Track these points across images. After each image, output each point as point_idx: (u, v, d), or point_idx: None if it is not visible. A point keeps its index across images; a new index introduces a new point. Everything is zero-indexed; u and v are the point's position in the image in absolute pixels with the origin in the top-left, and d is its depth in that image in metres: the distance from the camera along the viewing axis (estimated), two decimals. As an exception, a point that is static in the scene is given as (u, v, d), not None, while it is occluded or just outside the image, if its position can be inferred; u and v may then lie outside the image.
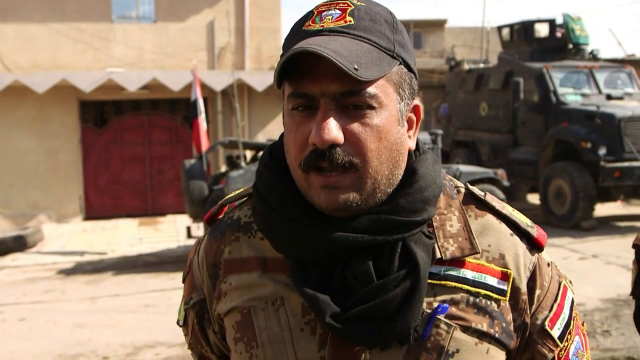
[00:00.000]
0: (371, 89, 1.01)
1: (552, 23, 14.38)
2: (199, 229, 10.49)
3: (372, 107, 1.02)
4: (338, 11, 1.05)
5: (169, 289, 8.47)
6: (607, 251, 9.69)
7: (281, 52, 1.09)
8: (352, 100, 1.01)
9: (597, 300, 7.13)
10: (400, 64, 1.06)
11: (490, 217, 1.14)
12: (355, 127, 1.02)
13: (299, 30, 1.06)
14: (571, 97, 12.71)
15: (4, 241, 11.60)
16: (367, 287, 1.03)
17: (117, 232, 13.54)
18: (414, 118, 1.13)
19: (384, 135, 1.03)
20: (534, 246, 1.15)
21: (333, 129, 1.00)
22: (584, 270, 8.45)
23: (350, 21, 1.03)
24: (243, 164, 9.84)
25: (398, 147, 1.06)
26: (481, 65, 16.15)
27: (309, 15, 1.07)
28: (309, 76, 1.01)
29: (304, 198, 1.08)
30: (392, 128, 1.05)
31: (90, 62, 14.75)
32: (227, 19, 13.64)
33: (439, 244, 1.09)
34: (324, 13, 1.05)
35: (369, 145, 1.02)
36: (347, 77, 0.97)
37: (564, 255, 9.45)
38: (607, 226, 12.01)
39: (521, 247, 1.13)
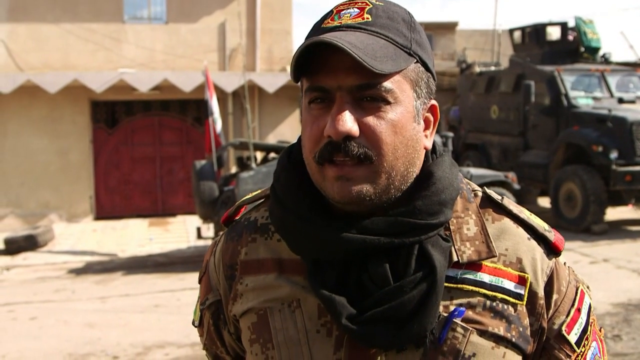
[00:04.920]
0: (387, 84, 1.02)
1: (564, 26, 14.34)
2: (209, 230, 10.51)
3: (388, 102, 1.03)
4: (356, 9, 1.06)
5: (179, 290, 8.49)
6: (618, 255, 9.65)
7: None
8: (368, 93, 1.02)
9: (608, 304, 7.09)
10: (417, 61, 1.07)
11: (507, 221, 1.14)
12: (371, 120, 1.02)
13: (318, 28, 1.08)
14: (582, 100, 12.65)
15: (15, 240, 11.66)
16: (383, 289, 1.03)
17: (127, 232, 13.58)
18: (432, 118, 1.13)
19: (400, 130, 1.04)
20: (552, 251, 1.14)
21: (348, 121, 1.00)
22: (595, 274, 8.41)
23: (367, 18, 1.05)
24: (253, 165, 9.84)
25: (414, 143, 1.07)
26: (492, 68, 16.10)
27: (328, 14, 1.09)
28: (325, 70, 1.02)
29: (322, 199, 1.09)
30: (407, 124, 1.05)
31: (102, 62, 14.80)
32: (238, 20, 13.65)
33: (456, 247, 1.09)
34: (343, 12, 1.07)
35: (384, 139, 1.02)
36: (362, 70, 0.98)
37: (575, 259, 9.41)
38: (618, 230, 11.96)
39: (538, 251, 1.13)
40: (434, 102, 1.13)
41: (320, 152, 1.04)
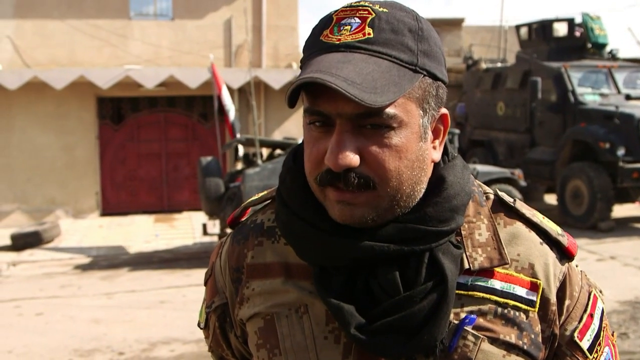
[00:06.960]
0: (390, 110, 0.97)
1: (570, 22, 14.26)
2: (214, 226, 10.52)
3: (391, 127, 0.98)
4: (357, 20, 1.00)
5: (185, 286, 8.49)
6: (625, 253, 9.61)
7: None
8: (369, 121, 0.97)
9: (615, 302, 7.06)
10: (425, 75, 1.02)
11: (519, 225, 1.12)
12: (373, 148, 0.98)
13: (317, 41, 1.02)
14: (589, 97, 12.59)
15: (21, 236, 11.68)
16: (393, 298, 1.01)
17: (133, 228, 13.59)
18: (441, 128, 1.09)
19: (404, 154, 1.00)
20: (565, 255, 1.12)
21: (348, 154, 0.96)
22: (602, 272, 8.37)
23: (369, 34, 0.99)
24: (259, 161, 9.84)
25: (420, 163, 1.03)
26: (499, 65, 16.04)
27: (327, 23, 1.03)
28: (324, 95, 0.97)
29: None
30: (412, 146, 1.01)
31: (108, 58, 14.80)
32: (244, 16, 13.62)
33: (467, 253, 1.07)
34: (343, 21, 1.01)
35: (387, 166, 0.99)
36: None
37: (581, 256, 9.37)
38: (625, 227, 11.91)
39: (551, 256, 1.10)
40: (444, 110, 1.09)
41: (321, 177, 1.01)
